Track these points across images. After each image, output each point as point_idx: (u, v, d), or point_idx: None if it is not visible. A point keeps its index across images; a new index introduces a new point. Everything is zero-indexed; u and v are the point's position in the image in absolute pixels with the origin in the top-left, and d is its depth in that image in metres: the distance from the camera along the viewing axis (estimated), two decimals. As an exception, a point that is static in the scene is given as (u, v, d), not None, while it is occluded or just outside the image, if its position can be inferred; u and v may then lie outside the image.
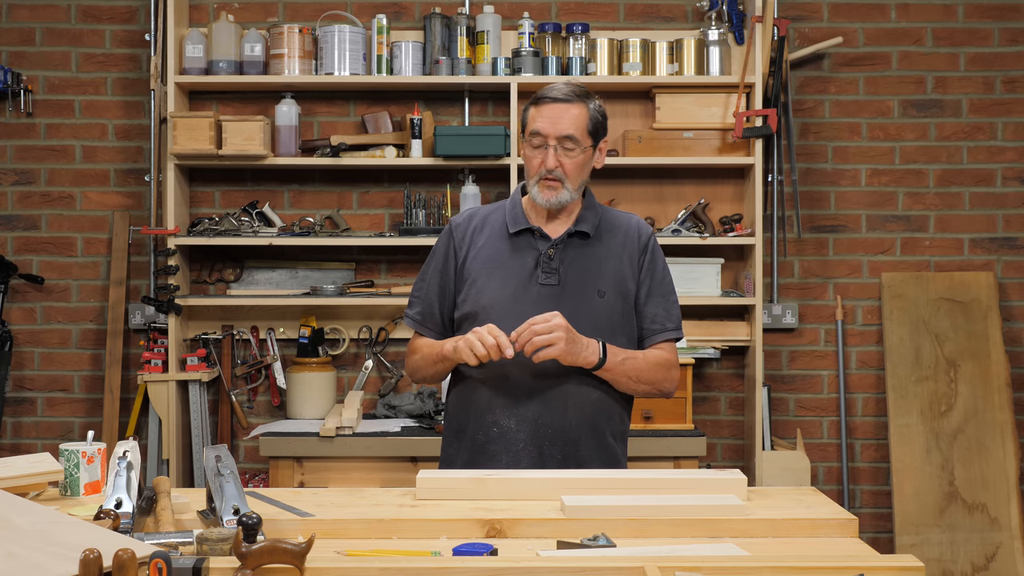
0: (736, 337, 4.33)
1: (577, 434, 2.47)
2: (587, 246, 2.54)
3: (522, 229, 2.54)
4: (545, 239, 2.52)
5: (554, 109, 2.48)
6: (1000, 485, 4.30)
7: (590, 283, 2.50)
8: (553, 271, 2.50)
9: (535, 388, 2.45)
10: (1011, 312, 4.52)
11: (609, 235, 2.56)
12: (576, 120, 2.48)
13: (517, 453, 2.44)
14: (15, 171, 4.46)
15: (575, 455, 2.46)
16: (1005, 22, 4.50)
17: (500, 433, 2.47)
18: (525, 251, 2.52)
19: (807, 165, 4.50)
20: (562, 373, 2.44)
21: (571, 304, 2.46)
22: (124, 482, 1.92)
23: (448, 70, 4.24)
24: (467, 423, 2.53)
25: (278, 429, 3.96)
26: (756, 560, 1.67)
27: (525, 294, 2.48)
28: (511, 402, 2.46)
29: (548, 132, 2.46)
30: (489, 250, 2.54)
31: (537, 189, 2.49)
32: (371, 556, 1.74)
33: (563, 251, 2.52)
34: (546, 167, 2.47)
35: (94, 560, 1.46)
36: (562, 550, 1.80)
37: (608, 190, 4.41)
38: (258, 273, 4.42)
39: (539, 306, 2.45)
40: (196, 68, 4.23)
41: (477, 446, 2.49)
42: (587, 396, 2.48)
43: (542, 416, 2.45)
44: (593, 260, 2.53)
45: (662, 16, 4.47)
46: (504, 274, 2.51)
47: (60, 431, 4.45)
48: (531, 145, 2.49)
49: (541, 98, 2.50)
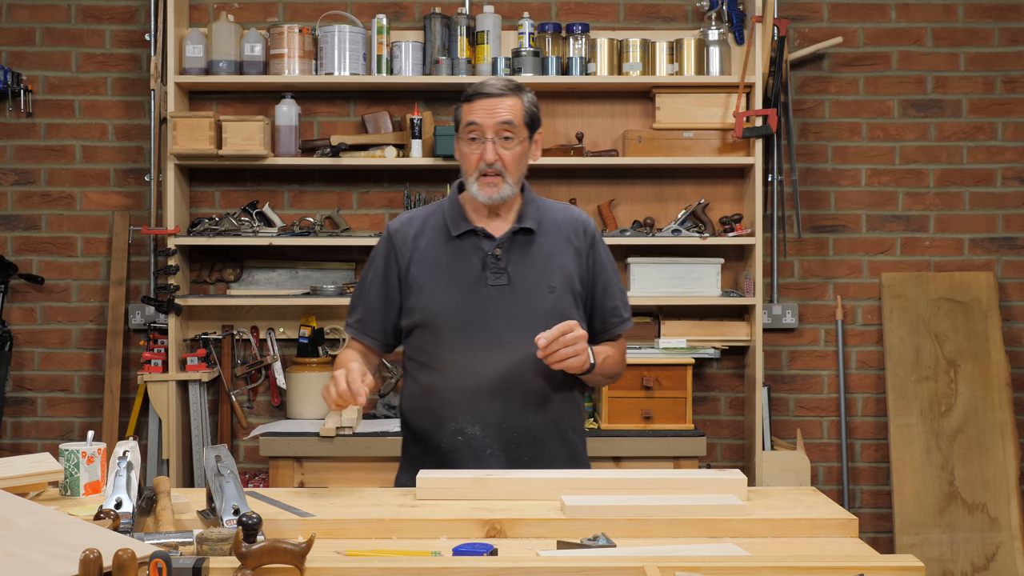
0: (736, 337, 4.33)
1: (543, 434, 2.44)
2: (532, 243, 2.48)
3: (465, 231, 2.47)
4: (489, 239, 2.46)
5: (488, 102, 2.42)
6: (1000, 485, 4.30)
7: (540, 280, 2.46)
8: (502, 271, 2.45)
9: (496, 392, 2.41)
10: (1011, 312, 4.52)
11: (553, 229, 2.52)
12: (512, 109, 2.43)
13: (485, 460, 2.39)
14: (15, 171, 4.46)
15: (541, 456, 2.43)
16: (1005, 22, 4.50)
17: (465, 441, 2.42)
18: (470, 253, 2.46)
19: (807, 165, 4.50)
20: (521, 374, 2.41)
21: (523, 303, 2.43)
22: (124, 482, 1.92)
23: (448, 70, 4.24)
24: (428, 431, 2.47)
25: (278, 429, 3.96)
26: (756, 560, 1.67)
27: (475, 297, 2.43)
28: (474, 408, 2.41)
29: (485, 122, 2.41)
30: (433, 255, 2.48)
31: (477, 186, 2.43)
32: (371, 556, 1.74)
33: (509, 250, 2.46)
34: (485, 160, 2.41)
35: (94, 560, 1.46)
36: (562, 550, 1.80)
37: (608, 190, 4.41)
38: (258, 273, 4.42)
39: (491, 308, 2.42)
40: (196, 68, 4.23)
41: (442, 455, 2.43)
42: (548, 395, 2.44)
43: (507, 420, 2.41)
44: (540, 256, 2.48)
45: (662, 16, 4.47)
46: (452, 278, 2.45)
47: (60, 431, 4.45)
48: (467, 140, 2.43)
49: (474, 94, 2.44)
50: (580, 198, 4.39)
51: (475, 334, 2.42)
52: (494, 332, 2.42)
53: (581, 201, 4.38)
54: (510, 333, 2.41)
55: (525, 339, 2.39)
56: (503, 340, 2.41)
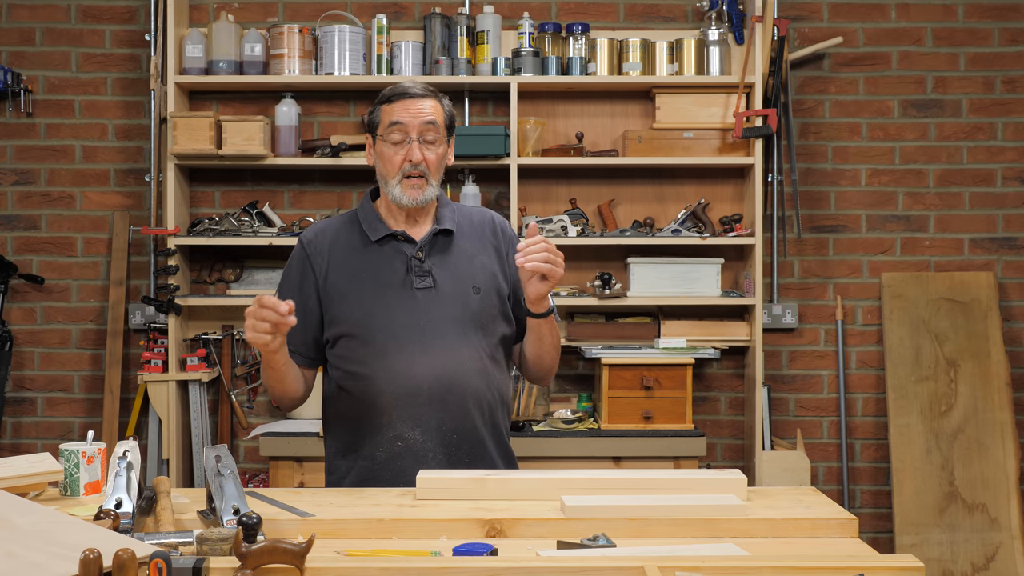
0: (736, 337, 4.33)
1: (482, 434, 2.42)
2: (452, 244, 2.46)
3: (384, 235, 2.43)
4: (410, 242, 2.42)
5: (411, 102, 2.39)
6: (1000, 485, 4.30)
7: (464, 280, 2.43)
8: (426, 273, 2.41)
9: (434, 394, 2.37)
10: (1011, 312, 4.52)
11: (470, 230, 2.49)
12: (434, 110, 2.41)
13: (427, 464, 2.36)
14: (15, 171, 4.46)
15: (482, 457, 2.41)
16: (1005, 22, 4.50)
17: (406, 447, 2.38)
18: (392, 257, 2.42)
19: (807, 165, 4.50)
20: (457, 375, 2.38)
21: (449, 304, 2.40)
22: (124, 482, 1.92)
23: (448, 70, 4.24)
24: (360, 440, 2.41)
25: (278, 429, 3.96)
26: (756, 560, 1.67)
27: (401, 302, 2.39)
28: (412, 412, 2.37)
29: (410, 122, 2.37)
30: (353, 263, 2.43)
31: (400, 189, 2.39)
32: (371, 556, 1.74)
33: (430, 252, 2.43)
34: (411, 160, 2.37)
35: (94, 560, 1.46)
36: (562, 550, 1.80)
37: (608, 190, 4.41)
38: (258, 273, 4.42)
39: (418, 311, 2.39)
40: (196, 68, 4.23)
41: (378, 463, 2.39)
42: (484, 395, 2.42)
43: (446, 422, 2.38)
44: (462, 257, 2.45)
45: (662, 16, 4.47)
46: (376, 285, 2.41)
47: (60, 431, 4.45)
48: (389, 141, 2.39)
49: (396, 95, 2.40)
50: (580, 198, 4.39)
51: (406, 338, 2.38)
52: (425, 335, 2.38)
53: (581, 201, 4.38)
54: (440, 335, 2.39)
55: (456, 340, 2.38)
56: (434, 342, 2.38)
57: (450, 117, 2.46)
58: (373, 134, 2.46)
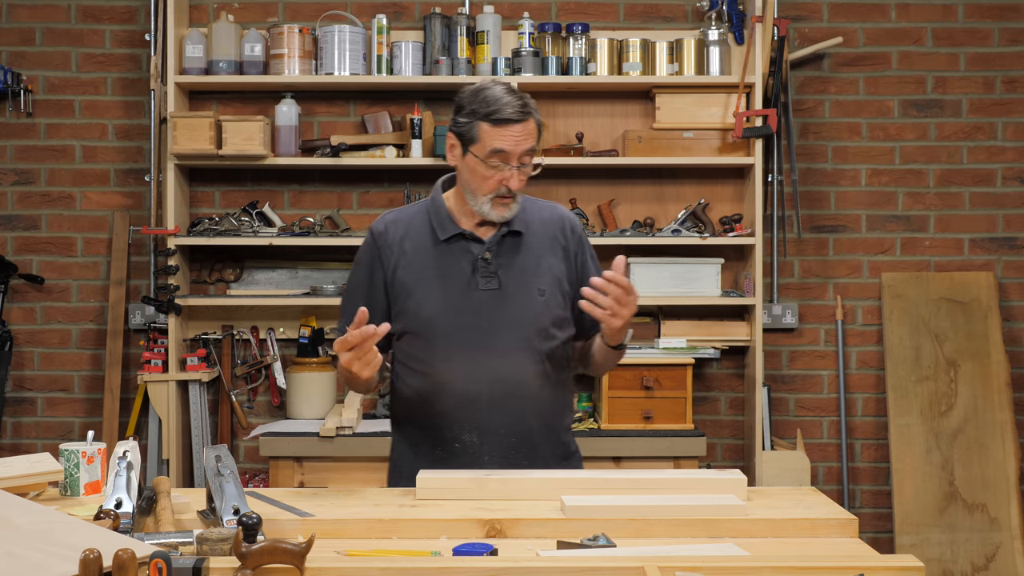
0: (736, 337, 4.33)
1: (540, 438, 2.43)
2: (520, 244, 2.45)
3: (453, 234, 2.43)
4: (478, 242, 2.42)
5: (516, 128, 2.34)
6: (1000, 485, 4.30)
7: (530, 282, 2.43)
8: (492, 274, 2.41)
9: (494, 398, 2.38)
10: (1011, 312, 4.52)
11: (540, 229, 2.48)
12: (533, 134, 2.38)
13: (482, 466, 2.36)
14: (15, 171, 4.46)
15: (538, 459, 2.41)
16: (1005, 22, 4.50)
17: (463, 448, 2.40)
18: (460, 257, 2.42)
19: (807, 165, 4.50)
20: (517, 379, 2.39)
21: (514, 306, 2.41)
22: (124, 482, 1.92)
23: (448, 70, 4.24)
24: (423, 438, 2.45)
25: (278, 429, 3.96)
26: (756, 560, 1.67)
27: (466, 302, 2.40)
28: (474, 416, 2.39)
29: (512, 151, 2.33)
30: (421, 259, 2.43)
31: (490, 207, 2.37)
32: (371, 556, 1.74)
33: (498, 253, 2.43)
34: (510, 187, 2.36)
35: (94, 560, 1.46)
36: (562, 550, 1.80)
37: (608, 190, 4.41)
38: (258, 273, 4.42)
39: (482, 313, 2.39)
40: (196, 68, 4.23)
41: (438, 461, 2.40)
42: (544, 397, 2.43)
43: (506, 426, 2.39)
44: (529, 258, 2.45)
45: (662, 16, 4.47)
46: (442, 284, 2.41)
47: (60, 431, 4.45)
48: (488, 165, 2.34)
49: (501, 120, 2.33)
50: (580, 198, 4.39)
51: (468, 340, 2.39)
52: (488, 337, 2.39)
53: (581, 201, 4.38)
54: (503, 338, 2.39)
55: (518, 344, 2.39)
56: (496, 345, 2.39)
57: (540, 130, 2.44)
58: (463, 142, 2.39)
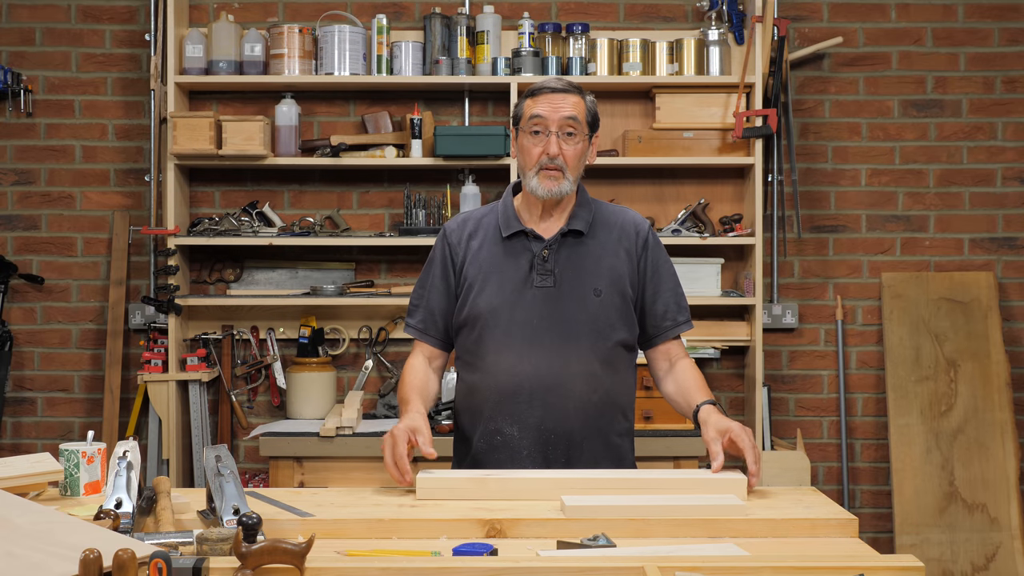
0: (736, 337, 4.33)
1: (581, 437, 2.45)
2: (581, 244, 2.49)
3: (515, 232, 2.49)
4: (539, 240, 2.48)
5: (553, 97, 2.43)
6: (1000, 485, 4.30)
7: (586, 282, 2.46)
8: (548, 272, 2.46)
9: (536, 394, 2.42)
10: (1011, 312, 4.52)
11: (604, 231, 2.52)
12: (576, 106, 2.45)
13: (521, 461, 2.42)
14: (15, 171, 4.46)
15: (580, 459, 2.44)
16: (1005, 22, 4.50)
17: (503, 441, 2.45)
18: (519, 254, 2.48)
19: (807, 165, 4.50)
20: (562, 377, 2.43)
21: (568, 305, 2.45)
22: (124, 482, 1.92)
23: (448, 70, 4.24)
24: (471, 429, 2.52)
25: (278, 429, 3.96)
26: (756, 560, 1.67)
27: (521, 298, 2.45)
28: (513, 410, 2.43)
29: (550, 116, 2.41)
30: (485, 254, 2.50)
31: (537, 180, 2.43)
32: (371, 556, 1.74)
33: (557, 251, 2.47)
34: (548, 153, 2.41)
35: (94, 560, 1.46)
36: (562, 550, 1.80)
37: (608, 190, 4.41)
38: (258, 273, 4.43)
39: (535, 309, 2.43)
40: (196, 68, 4.23)
41: (480, 453, 2.47)
42: (588, 398, 2.45)
43: (545, 422, 2.43)
44: (588, 258, 2.49)
45: (662, 16, 4.47)
46: (500, 279, 2.47)
47: (60, 431, 4.45)
48: (529, 133, 2.44)
49: (539, 89, 2.46)
50: (580, 198, 4.39)
51: (517, 335, 2.44)
52: (536, 334, 2.43)
53: (581, 201, 4.38)
54: (551, 335, 2.43)
55: (567, 341, 2.43)
56: (543, 342, 2.43)
57: (593, 114, 2.49)
58: (516, 127, 2.50)
